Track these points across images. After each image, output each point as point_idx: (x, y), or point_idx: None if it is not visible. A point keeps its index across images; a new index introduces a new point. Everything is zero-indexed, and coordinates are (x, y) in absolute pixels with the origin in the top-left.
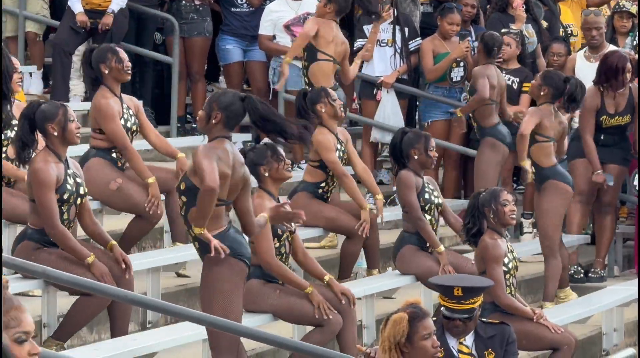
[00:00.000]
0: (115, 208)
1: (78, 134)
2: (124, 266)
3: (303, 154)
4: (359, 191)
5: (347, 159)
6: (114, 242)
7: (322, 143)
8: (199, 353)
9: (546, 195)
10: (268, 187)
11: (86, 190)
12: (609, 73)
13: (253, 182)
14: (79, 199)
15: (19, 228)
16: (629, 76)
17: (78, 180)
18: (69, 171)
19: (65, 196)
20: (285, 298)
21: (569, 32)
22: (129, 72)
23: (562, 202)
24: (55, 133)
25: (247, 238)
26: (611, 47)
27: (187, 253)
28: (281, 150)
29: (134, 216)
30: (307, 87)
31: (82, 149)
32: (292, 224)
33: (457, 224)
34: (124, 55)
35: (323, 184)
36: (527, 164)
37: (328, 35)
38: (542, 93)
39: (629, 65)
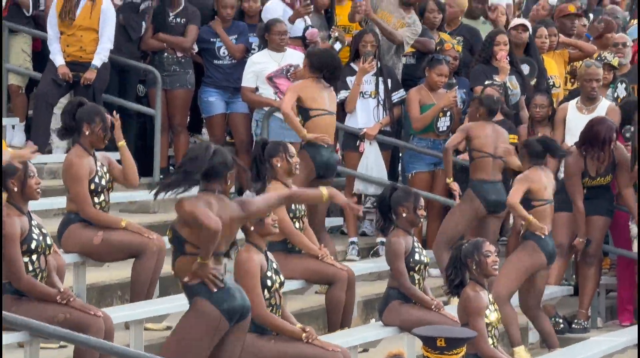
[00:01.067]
0: (108, 260)
1: (38, 190)
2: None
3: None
4: (309, 243)
5: (304, 211)
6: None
7: None
8: None
9: (520, 250)
10: (255, 241)
11: (52, 242)
12: (594, 142)
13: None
14: (47, 249)
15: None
16: (613, 145)
17: (43, 231)
18: (33, 223)
19: (33, 246)
20: (281, 346)
21: (551, 83)
22: (106, 141)
23: (530, 265)
24: (15, 188)
25: (242, 294)
26: (604, 101)
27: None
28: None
29: (133, 261)
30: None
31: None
32: (281, 276)
33: None
34: (109, 124)
35: (288, 241)
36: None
37: (311, 94)
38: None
39: (614, 136)
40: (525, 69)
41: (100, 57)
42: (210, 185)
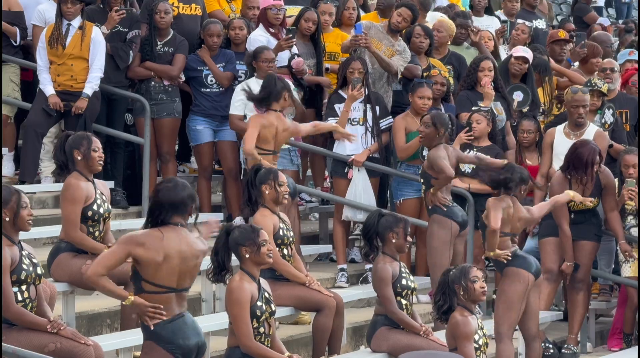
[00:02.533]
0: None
1: (30, 222)
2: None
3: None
4: (295, 271)
5: (292, 238)
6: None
7: (259, 224)
8: None
9: (505, 281)
10: (249, 269)
11: (43, 271)
12: (578, 165)
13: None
14: (37, 279)
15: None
16: (596, 168)
17: (34, 260)
18: (24, 253)
19: (23, 277)
20: None
21: (540, 111)
22: (101, 163)
23: (521, 288)
24: (7, 218)
25: (198, 330)
26: (591, 127)
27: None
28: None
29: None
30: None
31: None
32: (272, 306)
33: None
34: (98, 144)
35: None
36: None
37: (268, 131)
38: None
39: (597, 158)
40: (519, 96)
41: (91, 86)
42: (175, 218)
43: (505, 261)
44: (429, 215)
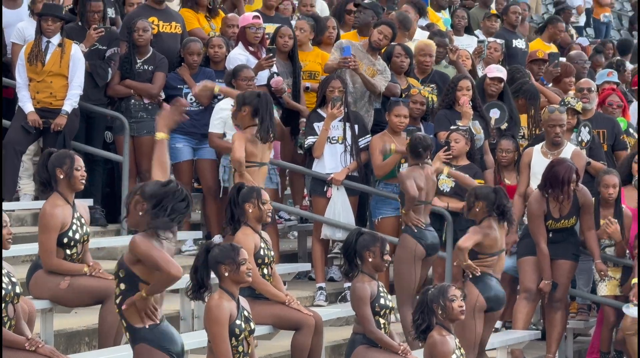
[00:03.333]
0: (75, 305)
1: (9, 240)
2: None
3: None
4: (275, 290)
5: (272, 258)
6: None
7: (241, 242)
8: None
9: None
10: (228, 287)
11: (21, 290)
12: (554, 183)
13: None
14: (15, 298)
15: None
16: (573, 186)
17: (13, 279)
18: (3, 271)
19: (2, 294)
20: None
21: (521, 134)
22: (84, 182)
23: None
24: None
25: (179, 337)
26: (569, 146)
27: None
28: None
29: (99, 307)
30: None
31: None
32: (251, 324)
33: None
34: (81, 163)
35: None
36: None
37: (253, 145)
38: (477, 210)
39: (574, 176)
40: (495, 113)
41: (70, 103)
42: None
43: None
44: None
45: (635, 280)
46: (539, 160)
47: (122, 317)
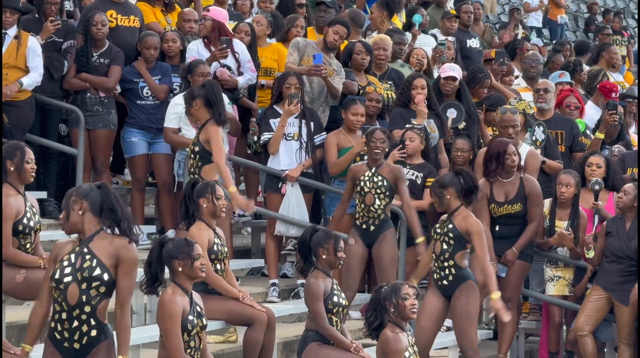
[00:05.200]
0: (30, 298)
1: None
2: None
3: None
4: (228, 286)
5: (226, 253)
6: None
7: (195, 237)
8: None
9: (470, 296)
10: (181, 282)
11: None
12: (493, 159)
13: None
14: None
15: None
16: (514, 158)
17: None
18: None
19: None
20: None
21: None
22: (34, 174)
23: (478, 302)
24: None
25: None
26: (524, 146)
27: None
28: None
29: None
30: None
31: None
32: (203, 320)
33: None
34: (31, 155)
35: None
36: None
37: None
38: (448, 197)
39: (511, 148)
40: (452, 113)
41: (29, 80)
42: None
43: None
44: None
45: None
46: None
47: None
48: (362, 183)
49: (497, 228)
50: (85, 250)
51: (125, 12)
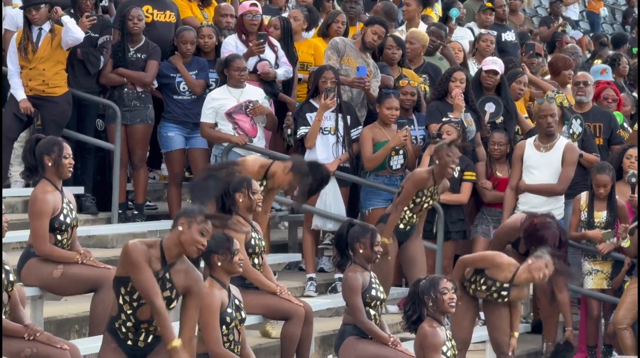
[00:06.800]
0: (68, 293)
1: (5, 229)
2: (59, 345)
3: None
4: (266, 280)
5: (264, 247)
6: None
7: (232, 232)
8: None
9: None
10: (219, 276)
11: (16, 277)
12: (537, 245)
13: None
14: (9, 286)
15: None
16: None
17: (6, 267)
18: None
19: None
20: None
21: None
22: (71, 170)
23: None
24: None
25: None
26: (561, 139)
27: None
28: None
29: (92, 294)
30: None
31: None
32: (242, 313)
33: None
34: (69, 151)
35: None
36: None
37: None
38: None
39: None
40: (491, 107)
41: (73, 25)
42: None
43: None
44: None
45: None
46: (531, 153)
47: None
48: (423, 194)
49: None
50: (167, 275)
51: (161, 7)
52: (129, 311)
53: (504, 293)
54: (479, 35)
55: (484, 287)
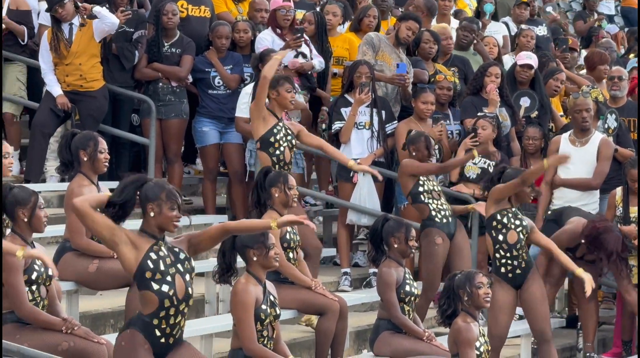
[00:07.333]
0: (103, 288)
1: (45, 223)
2: (96, 340)
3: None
4: (301, 275)
5: (299, 242)
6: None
7: None
8: None
9: (540, 281)
10: (255, 272)
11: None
12: (598, 249)
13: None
14: (47, 280)
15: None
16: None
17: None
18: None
19: (34, 277)
20: None
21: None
22: (107, 164)
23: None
24: (25, 219)
25: None
26: (597, 134)
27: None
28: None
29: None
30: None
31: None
32: (277, 309)
33: None
34: (104, 146)
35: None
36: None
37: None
38: None
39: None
40: (526, 101)
41: (107, 12)
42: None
43: None
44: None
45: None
46: (566, 148)
47: None
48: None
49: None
50: (169, 245)
51: (196, 2)
52: (171, 305)
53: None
54: (520, 31)
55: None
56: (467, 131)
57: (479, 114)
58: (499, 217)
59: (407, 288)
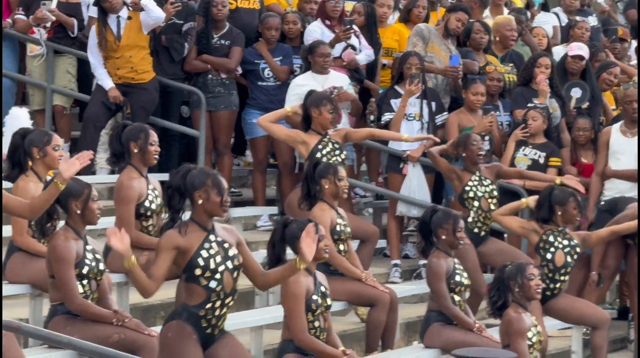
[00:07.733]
0: None
1: (98, 216)
2: (146, 332)
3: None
4: (351, 267)
5: (349, 234)
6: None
7: (317, 218)
8: None
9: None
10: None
11: (105, 267)
12: None
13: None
14: (99, 275)
15: (45, 299)
16: None
17: (97, 256)
18: (88, 248)
19: (85, 271)
20: None
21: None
22: (157, 157)
23: None
24: (78, 211)
25: None
26: None
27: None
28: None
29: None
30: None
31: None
32: (328, 300)
33: None
34: (155, 138)
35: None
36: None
37: None
38: None
39: None
40: (577, 92)
41: (154, 6)
42: None
43: None
44: None
45: None
46: (617, 139)
47: None
48: (469, 189)
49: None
50: (219, 239)
51: None
52: (217, 299)
53: None
54: (574, 22)
55: None
56: (517, 122)
57: (529, 105)
58: (544, 237)
59: (457, 278)
